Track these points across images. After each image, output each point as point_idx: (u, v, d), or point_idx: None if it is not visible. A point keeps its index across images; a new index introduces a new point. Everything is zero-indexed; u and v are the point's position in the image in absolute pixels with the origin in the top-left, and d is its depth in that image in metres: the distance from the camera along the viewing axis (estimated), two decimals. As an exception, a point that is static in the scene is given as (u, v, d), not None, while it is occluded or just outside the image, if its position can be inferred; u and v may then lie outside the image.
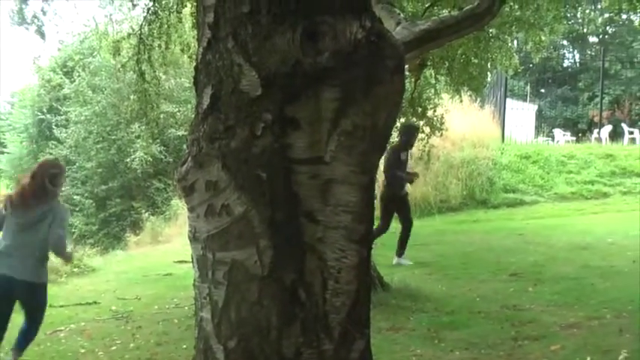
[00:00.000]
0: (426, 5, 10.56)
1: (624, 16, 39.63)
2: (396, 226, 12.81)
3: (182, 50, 13.99)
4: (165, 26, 12.95)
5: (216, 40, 2.71)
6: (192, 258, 2.93)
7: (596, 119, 31.02)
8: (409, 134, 12.70)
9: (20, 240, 6.86)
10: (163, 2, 13.02)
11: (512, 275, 11.26)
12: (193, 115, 2.91)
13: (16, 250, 6.84)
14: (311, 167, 2.66)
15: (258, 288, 2.69)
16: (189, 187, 2.78)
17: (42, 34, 13.12)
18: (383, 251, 12.13)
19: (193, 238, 2.85)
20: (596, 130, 29.47)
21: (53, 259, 7.84)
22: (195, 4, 9.57)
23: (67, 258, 7.69)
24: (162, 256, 17.23)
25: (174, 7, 12.89)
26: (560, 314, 8.60)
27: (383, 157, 12.38)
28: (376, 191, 8.97)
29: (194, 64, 2.93)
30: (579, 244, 13.69)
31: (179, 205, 22.83)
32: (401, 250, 12.65)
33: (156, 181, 27.54)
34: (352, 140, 2.67)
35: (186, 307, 9.94)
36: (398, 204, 12.55)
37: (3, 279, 6.80)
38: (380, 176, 14.78)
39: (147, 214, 25.04)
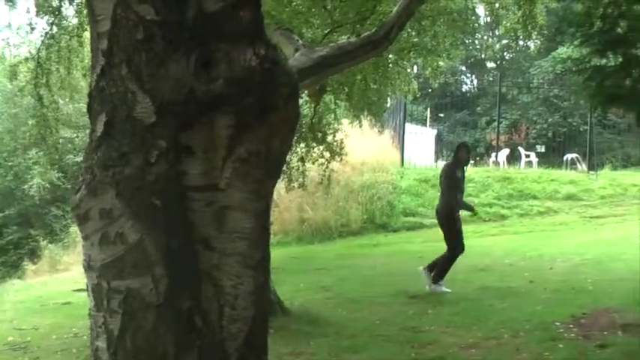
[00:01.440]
0: (325, 32, 10.64)
1: (521, 43, 40.82)
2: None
3: (84, 75, 13.83)
4: (65, 50, 12.79)
5: (109, 67, 2.67)
6: (87, 287, 2.89)
7: (494, 143, 31.65)
8: (459, 151, 12.49)
9: None
10: (62, 26, 12.86)
11: (412, 298, 11.40)
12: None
13: None
14: (206, 194, 2.66)
15: (154, 316, 2.66)
16: (83, 215, 2.73)
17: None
18: (283, 276, 12.16)
19: (88, 266, 2.80)
20: (493, 154, 30.06)
21: None
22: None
23: None
24: (60, 284, 16.90)
25: (75, 31, 12.74)
26: (459, 335, 8.75)
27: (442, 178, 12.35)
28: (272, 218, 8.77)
29: (91, 90, 2.90)
30: (478, 265, 13.94)
31: (78, 233, 22.39)
32: (439, 277, 11.96)
33: (54, 208, 26.91)
34: (247, 167, 2.68)
35: (85, 337, 9.76)
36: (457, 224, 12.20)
37: None
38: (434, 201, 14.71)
39: (45, 242, 24.40)
